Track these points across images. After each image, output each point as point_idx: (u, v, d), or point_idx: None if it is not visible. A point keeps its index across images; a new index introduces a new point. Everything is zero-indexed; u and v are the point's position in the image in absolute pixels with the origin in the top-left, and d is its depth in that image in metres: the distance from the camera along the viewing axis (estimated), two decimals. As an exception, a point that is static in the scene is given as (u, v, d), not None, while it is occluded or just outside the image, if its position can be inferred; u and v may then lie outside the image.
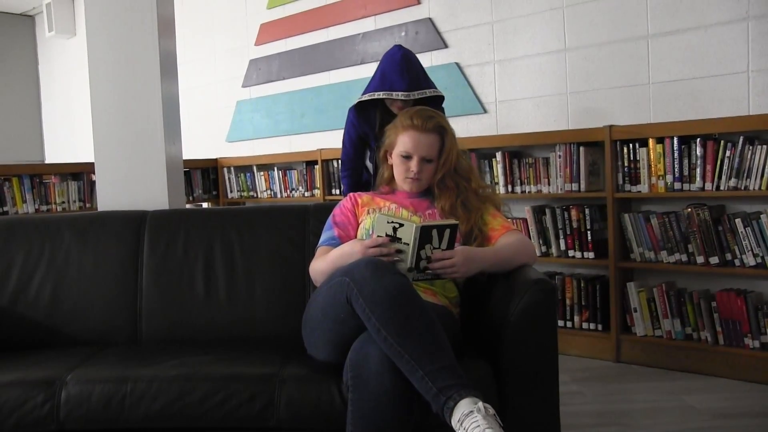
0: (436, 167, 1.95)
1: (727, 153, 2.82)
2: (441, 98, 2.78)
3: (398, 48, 2.75)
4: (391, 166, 2.01)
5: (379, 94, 2.65)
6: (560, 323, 3.30)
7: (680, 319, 3.00)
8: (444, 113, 2.73)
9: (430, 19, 3.99)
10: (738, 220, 2.80)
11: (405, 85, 2.63)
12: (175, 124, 2.87)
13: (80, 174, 4.16)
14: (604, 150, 3.17)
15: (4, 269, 2.23)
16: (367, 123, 2.79)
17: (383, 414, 1.49)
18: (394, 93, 2.63)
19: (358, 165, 2.90)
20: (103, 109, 2.80)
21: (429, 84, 2.74)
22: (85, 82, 2.92)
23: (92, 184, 4.09)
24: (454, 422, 1.41)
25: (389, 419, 1.49)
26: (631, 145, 3.09)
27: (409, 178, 1.95)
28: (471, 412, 1.40)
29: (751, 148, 2.76)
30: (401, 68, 2.65)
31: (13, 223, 2.36)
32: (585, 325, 3.27)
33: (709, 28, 3.03)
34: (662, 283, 3.05)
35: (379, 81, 2.69)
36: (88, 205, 4.15)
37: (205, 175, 5.02)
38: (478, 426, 1.37)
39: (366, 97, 2.70)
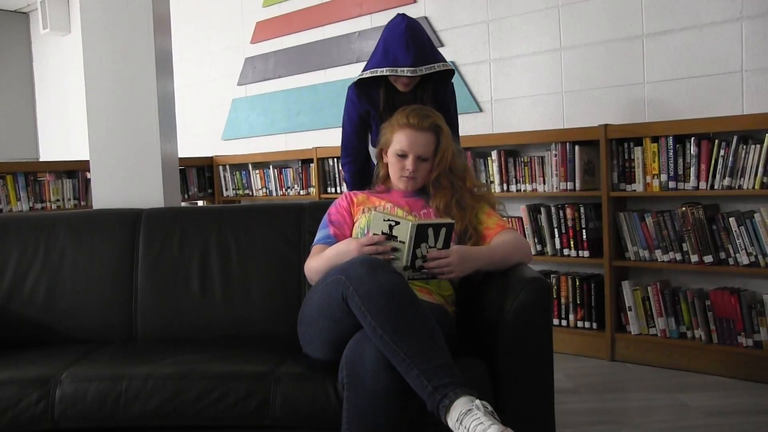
0: (431, 166, 1.95)
1: (722, 152, 2.83)
2: (451, 73, 2.49)
3: (402, 18, 2.42)
4: (387, 164, 2.01)
5: (383, 71, 2.34)
6: (555, 322, 3.31)
7: (674, 318, 3.01)
8: (454, 89, 2.58)
9: (425, 17, 3.98)
10: (732, 219, 2.81)
11: (411, 60, 2.32)
12: (171, 122, 2.87)
13: (75, 172, 4.15)
14: (599, 149, 3.17)
15: (-1, 267, 2.22)
16: (369, 101, 2.50)
17: (378, 412, 1.49)
18: (398, 69, 2.32)
19: (361, 150, 2.58)
20: (99, 107, 2.79)
21: (437, 57, 2.42)
22: (80, 80, 2.91)
23: (87, 181, 4.07)
24: (452, 421, 1.41)
25: (384, 417, 1.49)
26: (626, 144, 3.10)
27: (404, 177, 1.95)
28: (470, 410, 1.40)
29: (744, 147, 2.77)
30: (406, 41, 2.33)
31: (7, 221, 2.35)
32: (580, 324, 3.28)
33: (704, 27, 3.04)
34: (657, 282, 3.06)
35: (381, 55, 2.38)
36: (83, 203, 4.14)
37: (200, 173, 5.01)
38: (481, 423, 1.36)
39: (368, 74, 2.40)
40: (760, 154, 2.72)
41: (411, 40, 2.34)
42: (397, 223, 1.69)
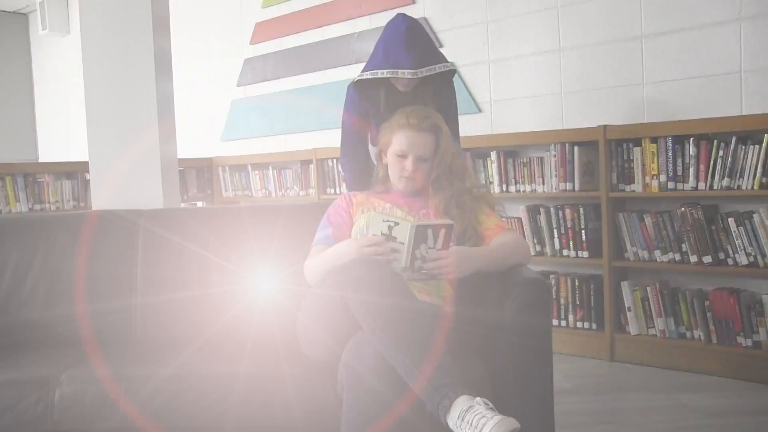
0: (431, 167, 1.95)
1: (720, 153, 2.83)
2: (451, 73, 2.48)
3: (402, 18, 2.40)
4: (386, 165, 2.02)
5: (383, 73, 2.33)
6: (554, 322, 3.31)
7: (674, 318, 3.02)
8: (455, 89, 2.57)
9: (425, 18, 3.99)
10: (731, 220, 2.81)
11: (411, 62, 2.30)
12: (170, 123, 2.87)
13: (74, 173, 4.15)
14: (598, 149, 3.18)
15: (-2, 268, 2.22)
16: (369, 100, 2.48)
17: (377, 413, 1.49)
18: (399, 71, 2.31)
19: (360, 149, 2.55)
20: (98, 108, 2.79)
21: (438, 57, 2.40)
22: (80, 81, 2.91)
23: (86, 183, 4.07)
24: (452, 420, 1.42)
25: (384, 418, 1.49)
26: (625, 144, 3.10)
27: (404, 177, 1.95)
28: (471, 406, 1.40)
29: (743, 147, 2.78)
30: (407, 42, 2.31)
31: (6, 222, 2.35)
32: (579, 324, 3.28)
33: (703, 28, 3.04)
34: (656, 282, 3.06)
35: (382, 56, 2.36)
36: (82, 205, 4.13)
37: (199, 174, 5.01)
38: (483, 416, 1.37)
39: (368, 75, 2.38)
40: (759, 155, 2.72)
41: (412, 41, 2.32)
42: (397, 223, 1.69)
